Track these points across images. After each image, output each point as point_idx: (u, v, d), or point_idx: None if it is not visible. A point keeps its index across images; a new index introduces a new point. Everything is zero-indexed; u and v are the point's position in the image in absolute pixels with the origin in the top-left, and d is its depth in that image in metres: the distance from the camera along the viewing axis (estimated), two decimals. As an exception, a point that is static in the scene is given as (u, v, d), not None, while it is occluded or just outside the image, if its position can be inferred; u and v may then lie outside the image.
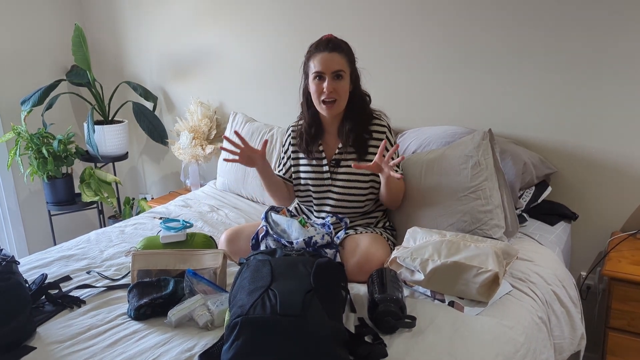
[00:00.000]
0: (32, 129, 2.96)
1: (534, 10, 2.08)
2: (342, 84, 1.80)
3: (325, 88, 1.78)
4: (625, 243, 2.01)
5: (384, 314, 1.37)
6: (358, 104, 1.88)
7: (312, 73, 1.80)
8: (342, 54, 1.79)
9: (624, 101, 2.01)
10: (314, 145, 1.92)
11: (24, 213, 3.21)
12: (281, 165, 2.04)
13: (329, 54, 1.77)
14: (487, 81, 2.23)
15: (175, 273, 1.62)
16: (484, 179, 1.83)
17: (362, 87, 1.90)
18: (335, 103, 1.81)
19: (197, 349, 1.33)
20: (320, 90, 1.80)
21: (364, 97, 1.91)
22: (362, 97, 1.91)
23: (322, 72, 1.78)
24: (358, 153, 1.88)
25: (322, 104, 1.82)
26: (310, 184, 1.95)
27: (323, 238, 1.65)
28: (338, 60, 1.78)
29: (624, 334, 1.88)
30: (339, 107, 1.83)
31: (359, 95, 1.88)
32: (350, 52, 1.84)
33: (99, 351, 1.36)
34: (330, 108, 1.81)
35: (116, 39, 3.28)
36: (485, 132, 1.87)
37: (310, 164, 1.95)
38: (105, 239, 2.10)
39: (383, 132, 1.89)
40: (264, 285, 1.27)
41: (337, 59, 1.78)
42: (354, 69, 1.85)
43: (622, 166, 2.07)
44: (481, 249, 1.57)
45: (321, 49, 1.79)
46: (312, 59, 1.81)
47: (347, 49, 1.82)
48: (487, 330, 1.40)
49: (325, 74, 1.78)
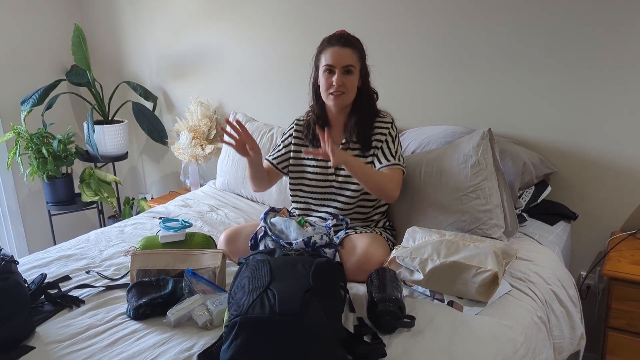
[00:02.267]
0: (32, 128, 2.96)
1: (533, 11, 2.08)
2: (351, 78, 1.82)
3: (334, 81, 1.80)
4: (625, 243, 2.01)
5: (383, 314, 1.37)
6: (365, 100, 1.89)
7: (323, 66, 1.83)
8: (353, 50, 1.82)
9: (624, 101, 2.01)
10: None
11: (23, 213, 3.21)
12: (274, 152, 2.04)
13: (341, 48, 1.80)
14: (487, 81, 2.23)
15: (174, 273, 1.62)
16: (484, 178, 1.83)
17: (370, 85, 1.92)
18: (343, 95, 1.83)
19: (196, 348, 1.33)
20: (329, 83, 1.82)
21: (371, 94, 1.93)
22: (370, 94, 1.92)
23: (333, 65, 1.80)
24: (361, 149, 1.89)
25: (330, 95, 1.84)
26: (312, 178, 1.96)
27: (322, 238, 1.66)
28: (349, 55, 1.80)
29: (624, 334, 1.88)
30: (346, 99, 1.85)
31: (366, 92, 1.90)
32: (362, 49, 1.86)
33: (98, 351, 1.36)
34: (336, 98, 1.83)
35: (116, 38, 3.28)
36: (484, 131, 1.86)
37: (315, 158, 1.95)
38: (104, 238, 2.10)
39: (387, 127, 1.89)
40: (263, 285, 1.27)
41: (348, 54, 1.80)
42: (364, 66, 1.87)
43: (621, 166, 2.07)
44: (480, 248, 1.57)
45: (333, 42, 1.81)
46: (323, 52, 1.83)
47: (359, 45, 1.85)
48: (486, 330, 1.40)
49: (335, 67, 1.80)
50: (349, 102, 1.87)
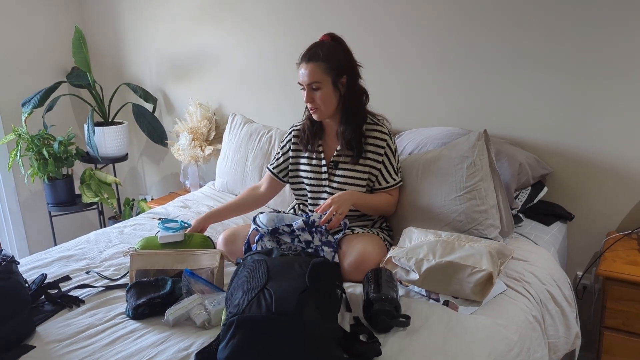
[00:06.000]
0: (32, 130, 2.98)
1: (529, 11, 2.09)
2: (320, 93, 1.80)
3: (304, 99, 1.83)
4: (621, 243, 2.02)
5: (379, 313, 1.39)
6: (352, 105, 1.86)
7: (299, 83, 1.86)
8: (318, 63, 1.78)
9: (620, 102, 2.02)
10: (314, 142, 1.95)
11: (24, 214, 3.23)
12: (274, 160, 2.06)
13: (305, 65, 1.80)
14: (483, 82, 2.25)
15: (173, 273, 1.63)
16: (479, 179, 1.84)
17: (357, 86, 1.87)
18: (318, 110, 1.84)
19: (194, 347, 1.35)
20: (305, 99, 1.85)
21: (359, 96, 1.88)
22: (357, 97, 1.87)
23: (301, 84, 1.83)
24: (354, 155, 1.88)
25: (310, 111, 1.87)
26: (306, 183, 1.97)
27: (320, 217, 1.70)
28: (313, 71, 1.78)
29: (619, 333, 1.89)
30: (323, 114, 1.85)
31: (352, 97, 1.85)
32: (333, 57, 1.79)
33: (97, 350, 1.37)
34: (314, 113, 1.86)
35: (116, 40, 3.30)
36: (480, 132, 1.88)
37: (309, 164, 1.97)
38: (104, 239, 2.12)
39: (384, 139, 1.88)
40: (260, 285, 1.28)
41: (312, 70, 1.78)
42: (341, 73, 1.81)
43: (617, 166, 2.08)
44: (475, 248, 1.58)
45: (301, 59, 1.82)
46: (298, 68, 1.85)
47: (327, 55, 1.78)
48: (481, 329, 1.42)
49: (303, 85, 1.82)
50: (330, 114, 1.86)
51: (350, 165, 1.89)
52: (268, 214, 1.79)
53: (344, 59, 1.83)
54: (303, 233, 1.70)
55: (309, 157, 1.97)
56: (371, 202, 1.89)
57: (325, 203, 1.76)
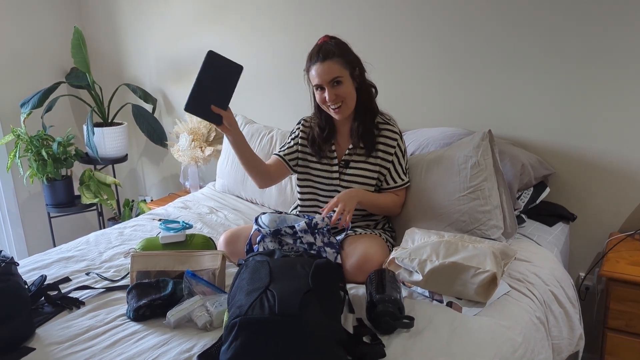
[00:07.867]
0: (31, 131, 2.96)
1: (532, 12, 2.09)
2: (343, 87, 1.80)
3: (327, 98, 1.80)
4: (624, 244, 2.01)
5: (382, 315, 1.38)
6: (364, 98, 1.87)
7: (313, 85, 1.84)
8: (334, 59, 1.77)
9: (622, 102, 2.02)
10: (326, 146, 1.93)
11: (23, 215, 3.22)
12: (285, 147, 2.00)
13: (322, 64, 1.77)
14: (486, 83, 2.24)
15: (174, 274, 1.62)
16: (483, 179, 1.84)
17: (366, 81, 1.89)
18: (342, 106, 1.82)
19: (196, 349, 1.34)
20: (323, 99, 1.82)
21: (369, 90, 1.90)
22: (368, 91, 1.89)
23: (320, 84, 1.80)
24: (366, 149, 1.88)
25: (331, 110, 1.84)
26: (316, 181, 1.96)
27: (323, 220, 1.68)
28: (331, 67, 1.77)
29: (622, 334, 1.88)
30: (348, 108, 1.84)
31: (364, 90, 1.87)
32: (345, 51, 1.81)
33: (98, 352, 1.36)
34: (338, 112, 1.83)
35: (115, 41, 3.29)
36: (485, 132, 1.87)
37: (320, 162, 1.96)
38: (104, 240, 2.11)
39: (395, 138, 1.89)
40: (262, 286, 1.27)
41: (330, 67, 1.77)
42: (354, 67, 1.83)
43: (620, 167, 2.08)
44: (479, 249, 1.57)
45: (314, 60, 1.79)
46: (309, 71, 1.82)
47: (339, 50, 1.79)
48: (485, 331, 1.41)
49: (323, 84, 1.79)
50: (352, 109, 1.86)
51: (361, 164, 1.89)
52: (270, 215, 1.77)
53: (352, 53, 1.84)
54: (305, 235, 1.69)
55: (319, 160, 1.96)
56: (377, 201, 1.88)
57: (332, 202, 1.75)
